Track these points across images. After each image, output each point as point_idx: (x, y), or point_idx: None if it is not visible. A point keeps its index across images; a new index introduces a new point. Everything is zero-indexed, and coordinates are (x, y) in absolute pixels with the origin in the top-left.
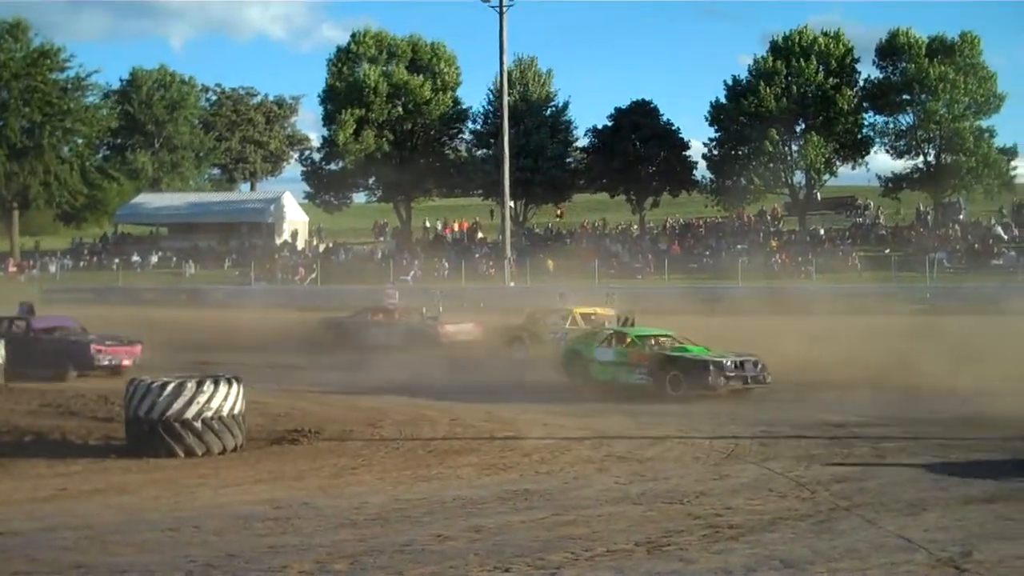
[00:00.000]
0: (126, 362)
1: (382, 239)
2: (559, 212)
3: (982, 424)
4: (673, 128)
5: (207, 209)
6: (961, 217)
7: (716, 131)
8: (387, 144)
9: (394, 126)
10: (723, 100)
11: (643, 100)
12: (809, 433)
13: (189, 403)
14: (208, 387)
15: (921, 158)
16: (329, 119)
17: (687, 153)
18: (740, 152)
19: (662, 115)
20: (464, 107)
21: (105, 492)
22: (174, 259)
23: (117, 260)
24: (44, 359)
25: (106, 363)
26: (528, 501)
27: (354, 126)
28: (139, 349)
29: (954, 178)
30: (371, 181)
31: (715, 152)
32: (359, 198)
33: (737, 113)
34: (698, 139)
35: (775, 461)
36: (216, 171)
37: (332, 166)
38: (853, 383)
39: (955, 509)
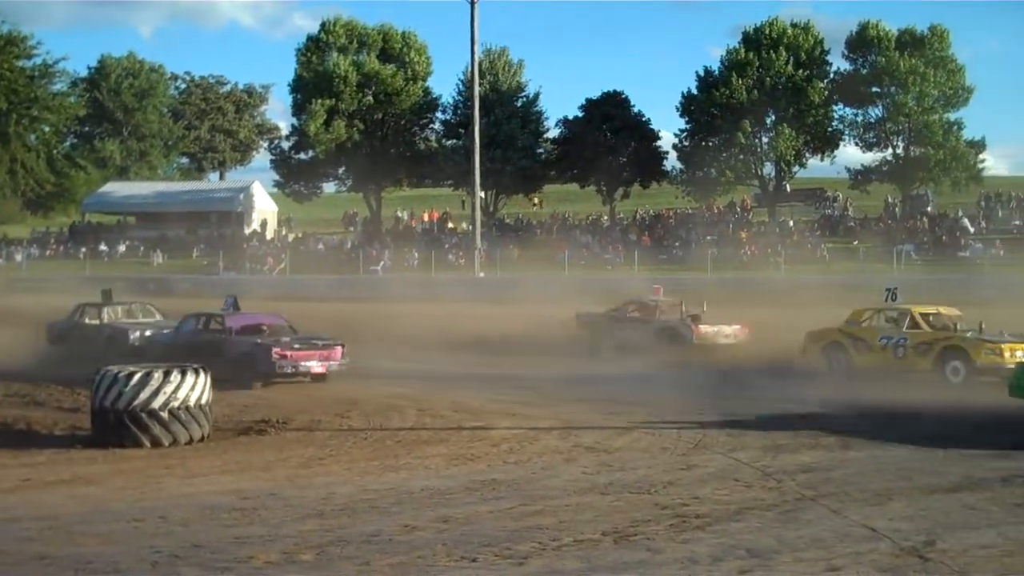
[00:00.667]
0: (318, 369)
1: (352, 229)
2: (537, 201)
3: (947, 415)
4: (644, 119)
5: (175, 198)
6: (929, 209)
7: (687, 122)
8: (357, 134)
9: (364, 116)
10: (694, 91)
11: (614, 91)
12: (776, 424)
13: (156, 393)
14: (175, 377)
15: (890, 150)
16: (299, 108)
17: (658, 144)
18: (711, 143)
19: (633, 106)
20: (435, 97)
21: (70, 482)
22: (142, 248)
23: (84, 249)
24: (234, 364)
25: (290, 371)
26: (496, 491)
27: (324, 116)
28: (339, 352)
29: (922, 170)
30: (341, 171)
31: (686, 143)
32: (329, 188)
33: (708, 104)
34: (669, 130)
35: (742, 451)
36: (185, 160)
37: (302, 156)
38: (821, 373)
39: (920, 499)
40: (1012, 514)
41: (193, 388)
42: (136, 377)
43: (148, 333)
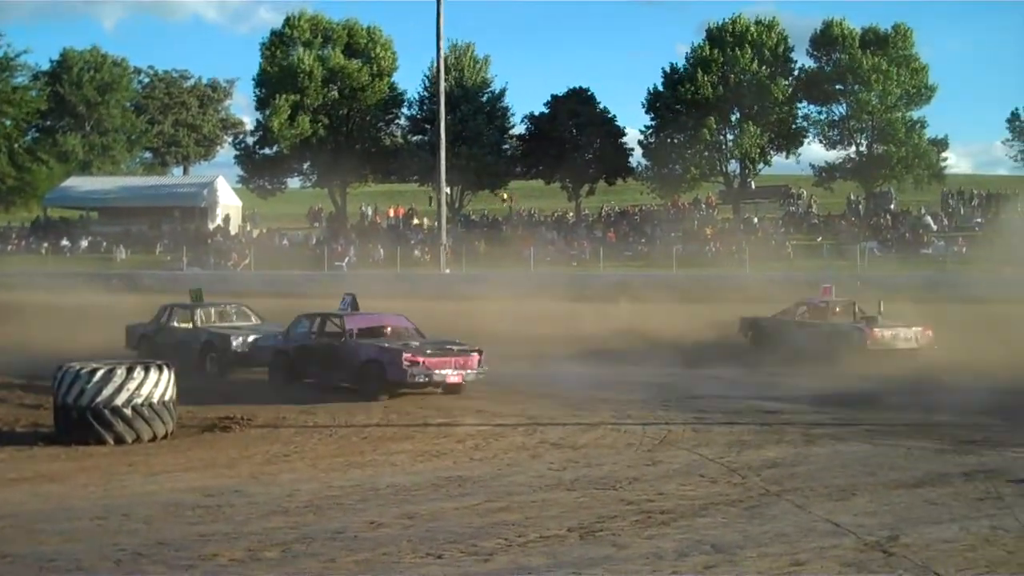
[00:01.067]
0: (454, 379)
1: (317, 225)
2: (507, 197)
3: (912, 410)
4: (610, 116)
5: (139, 193)
6: (892, 207)
7: (652, 119)
8: (322, 129)
9: (329, 111)
10: (660, 88)
11: (580, 87)
12: (741, 419)
13: (119, 389)
14: (138, 373)
15: (853, 148)
16: (263, 104)
17: (623, 140)
18: (676, 140)
19: (599, 102)
20: (400, 92)
21: (32, 480)
22: (104, 244)
23: (46, 245)
24: (357, 372)
25: (422, 380)
26: (462, 488)
27: (288, 111)
28: (475, 360)
29: (885, 168)
30: (306, 166)
31: (651, 139)
32: (293, 183)
33: (674, 101)
34: (635, 127)
35: (707, 447)
36: (148, 155)
37: (266, 151)
38: (784, 369)
39: (883, 494)
40: (974, 509)
41: (157, 385)
42: (99, 374)
43: (252, 339)
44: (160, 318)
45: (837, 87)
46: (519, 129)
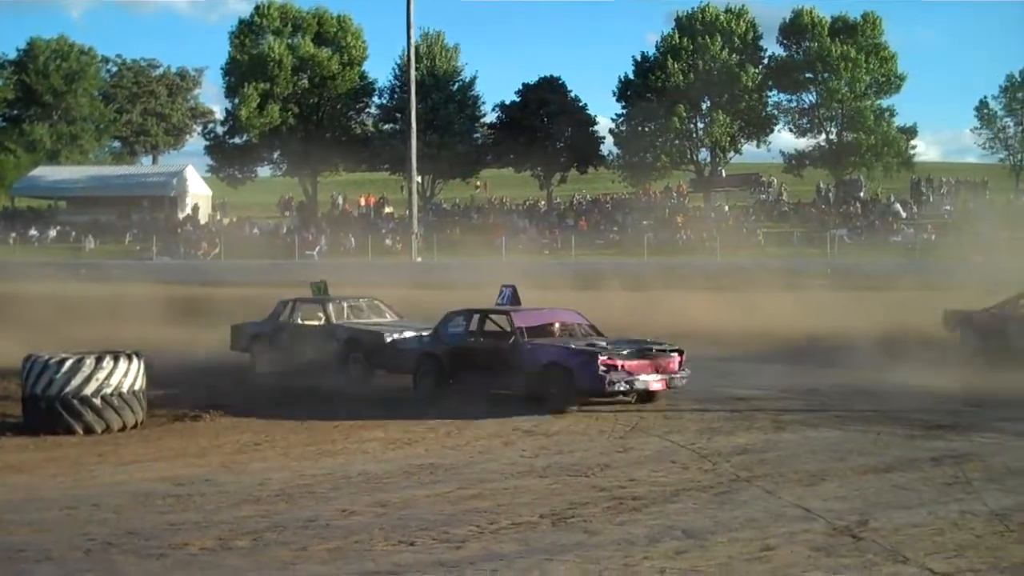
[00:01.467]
0: (656, 386)
1: (287, 214)
2: (480, 184)
3: (880, 396)
4: (581, 104)
5: (107, 182)
6: (861, 194)
7: (623, 107)
8: (292, 118)
9: (299, 100)
10: (631, 76)
11: (551, 76)
12: (712, 406)
13: (88, 380)
14: (107, 363)
15: (823, 136)
16: (232, 92)
17: (594, 129)
18: (647, 128)
19: (570, 91)
20: (371, 81)
21: (0, 470)
22: (73, 233)
23: (14, 235)
24: (536, 378)
25: (623, 388)
26: (434, 475)
27: (258, 100)
28: (676, 362)
29: (855, 156)
30: (276, 155)
31: (622, 128)
32: (264, 172)
33: (645, 89)
34: (606, 115)
35: (678, 434)
36: (117, 144)
37: (236, 140)
38: (756, 356)
39: (853, 479)
40: (943, 493)
41: (126, 374)
42: (68, 364)
43: (403, 335)
44: (279, 315)
45: (807, 75)
46: (490, 118)
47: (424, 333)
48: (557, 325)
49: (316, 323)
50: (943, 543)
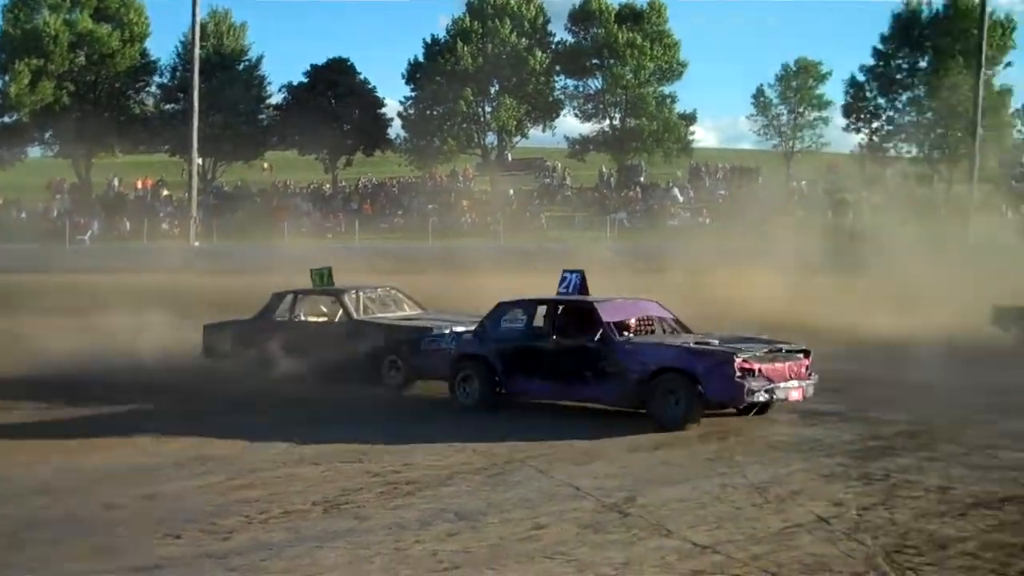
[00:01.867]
0: (795, 395)
1: (58, 196)
2: (267, 166)
3: None
4: (370, 86)
5: None
6: (642, 179)
7: (412, 90)
8: (67, 96)
9: (75, 77)
10: (421, 59)
11: (340, 57)
12: None
13: None
14: None
15: (607, 121)
16: (2, 69)
17: (383, 111)
18: (435, 112)
19: (359, 73)
20: (153, 60)
21: None
22: None
23: None
24: (644, 385)
25: (763, 398)
26: (205, 466)
27: (29, 76)
28: (804, 366)
29: (636, 141)
30: (48, 135)
31: (410, 111)
32: (34, 152)
33: (434, 72)
34: (395, 98)
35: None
36: None
37: (5, 119)
38: None
39: (622, 457)
40: (707, 468)
41: None
42: None
43: (456, 331)
44: (274, 310)
45: (593, 61)
46: (277, 99)
47: (467, 329)
48: (644, 320)
49: (331, 319)
50: (704, 516)
